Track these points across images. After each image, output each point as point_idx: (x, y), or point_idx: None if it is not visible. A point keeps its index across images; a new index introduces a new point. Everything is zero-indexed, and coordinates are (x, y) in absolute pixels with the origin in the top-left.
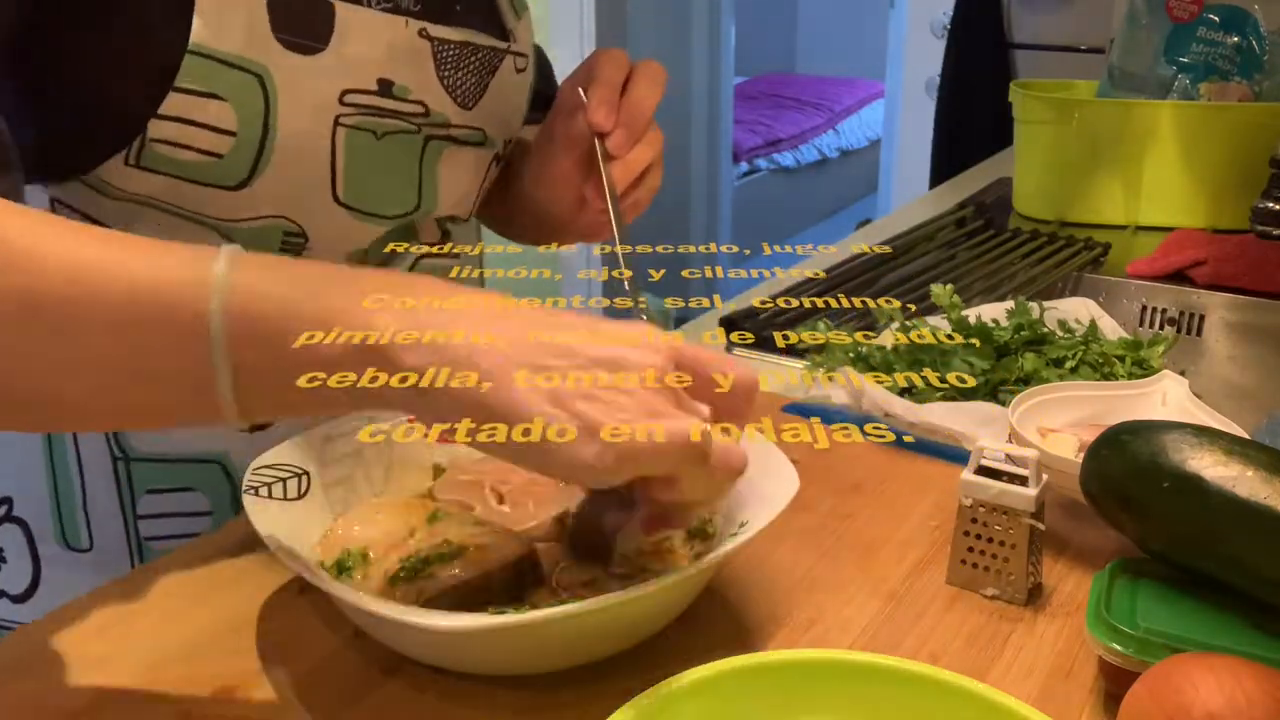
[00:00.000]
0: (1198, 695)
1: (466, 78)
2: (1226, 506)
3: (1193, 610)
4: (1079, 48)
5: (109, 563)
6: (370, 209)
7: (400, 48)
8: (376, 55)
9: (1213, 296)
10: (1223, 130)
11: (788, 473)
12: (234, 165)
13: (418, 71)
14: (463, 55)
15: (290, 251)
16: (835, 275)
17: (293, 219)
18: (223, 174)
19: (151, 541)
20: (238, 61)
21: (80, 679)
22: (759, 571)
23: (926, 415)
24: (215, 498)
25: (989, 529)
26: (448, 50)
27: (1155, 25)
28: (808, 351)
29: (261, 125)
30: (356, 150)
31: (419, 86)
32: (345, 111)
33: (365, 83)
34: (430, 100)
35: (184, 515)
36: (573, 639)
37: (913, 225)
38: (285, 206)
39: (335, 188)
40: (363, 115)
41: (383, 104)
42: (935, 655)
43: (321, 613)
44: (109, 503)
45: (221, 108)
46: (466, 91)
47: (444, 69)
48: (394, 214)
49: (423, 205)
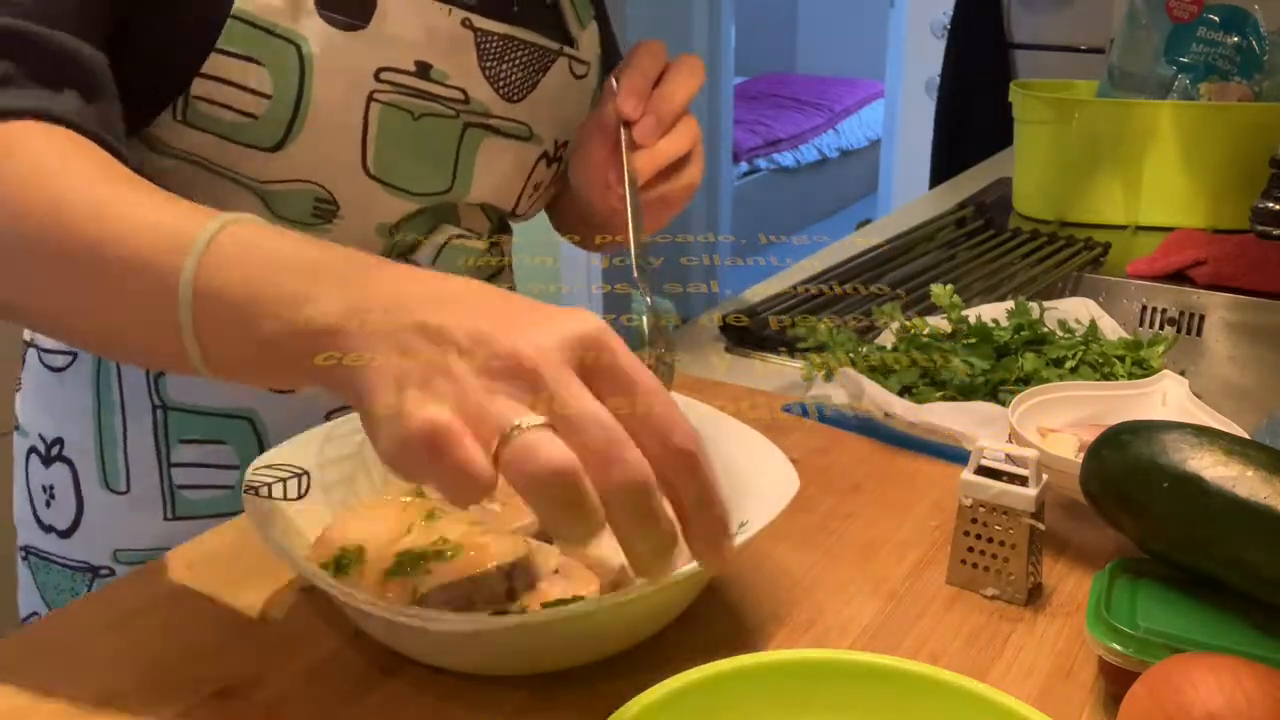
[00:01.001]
0: (1198, 695)
1: (513, 71)
2: (1226, 506)
3: (1193, 610)
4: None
5: (144, 507)
6: (400, 184)
7: (441, 34)
8: (415, 38)
9: (1213, 296)
10: (1223, 130)
11: (788, 473)
12: (269, 127)
13: (458, 59)
14: (508, 49)
15: (322, 218)
16: (835, 275)
17: (324, 185)
18: (259, 135)
19: (184, 490)
20: (277, 30)
21: (80, 679)
22: (759, 571)
23: (926, 415)
24: (245, 453)
25: (989, 529)
26: (491, 42)
27: (1155, 25)
28: (808, 351)
29: (296, 92)
30: (390, 126)
31: (459, 73)
32: (380, 88)
33: (403, 63)
34: (471, 88)
35: (215, 467)
36: (573, 639)
37: (913, 225)
38: (317, 173)
39: (366, 160)
40: (399, 94)
41: (420, 85)
42: (935, 655)
43: (321, 613)
44: (146, 449)
45: (259, 72)
46: (512, 85)
47: (487, 60)
48: (424, 192)
49: (455, 188)
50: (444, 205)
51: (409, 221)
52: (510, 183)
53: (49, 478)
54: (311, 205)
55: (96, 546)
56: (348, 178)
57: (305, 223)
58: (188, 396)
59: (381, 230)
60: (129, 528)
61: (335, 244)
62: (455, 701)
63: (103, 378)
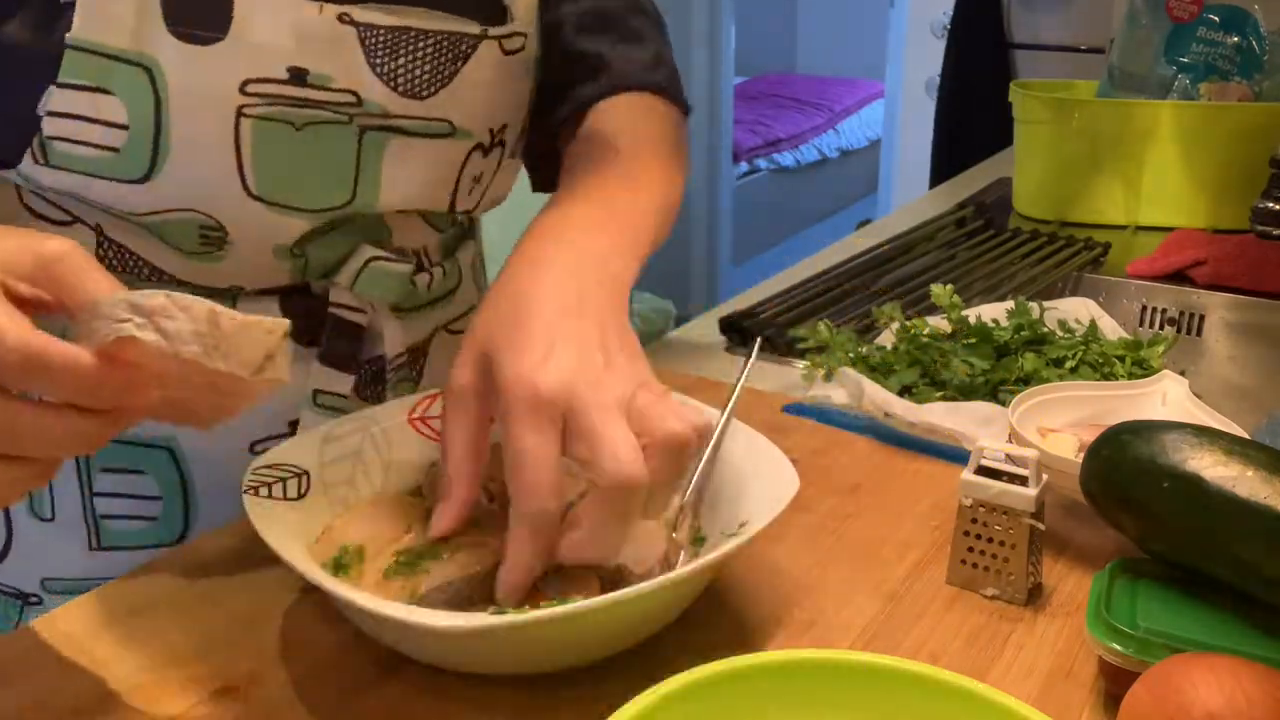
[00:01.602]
0: (1198, 695)
1: (414, 66)
2: (1226, 506)
3: (1193, 610)
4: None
5: (69, 536)
6: (290, 202)
7: (314, 34)
8: (284, 43)
9: (1213, 296)
10: (1223, 130)
11: (788, 473)
12: (133, 159)
13: (341, 59)
14: (401, 42)
15: (213, 245)
16: (835, 275)
17: (205, 212)
18: (124, 168)
19: (107, 520)
20: (123, 55)
21: (80, 679)
22: (759, 571)
23: (926, 415)
24: (164, 483)
25: (989, 529)
26: (377, 36)
27: (1155, 25)
28: (808, 351)
29: (154, 118)
30: (268, 142)
31: (345, 75)
32: (249, 102)
33: (273, 71)
34: (363, 90)
35: (136, 497)
36: (573, 639)
37: (913, 225)
38: (193, 200)
39: (245, 181)
40: (273, 105)
41: (297, 93)
42: (935, 655)
43: (321, 613)
44: (69, 476)
45: (110, 101)
46: (417, 80)
47: (376, 56)
48: (320, 208)
49: (359, 199)
50: (364, 219)
51: (320, 239)
52: (435, 184)
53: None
54: (197, 234)
55: (25, 574)
56: (229, 202)
57: (196, 252)
58: None
59: (280, 252)
60: (56, 556)
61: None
62: (455, 701)
63: None
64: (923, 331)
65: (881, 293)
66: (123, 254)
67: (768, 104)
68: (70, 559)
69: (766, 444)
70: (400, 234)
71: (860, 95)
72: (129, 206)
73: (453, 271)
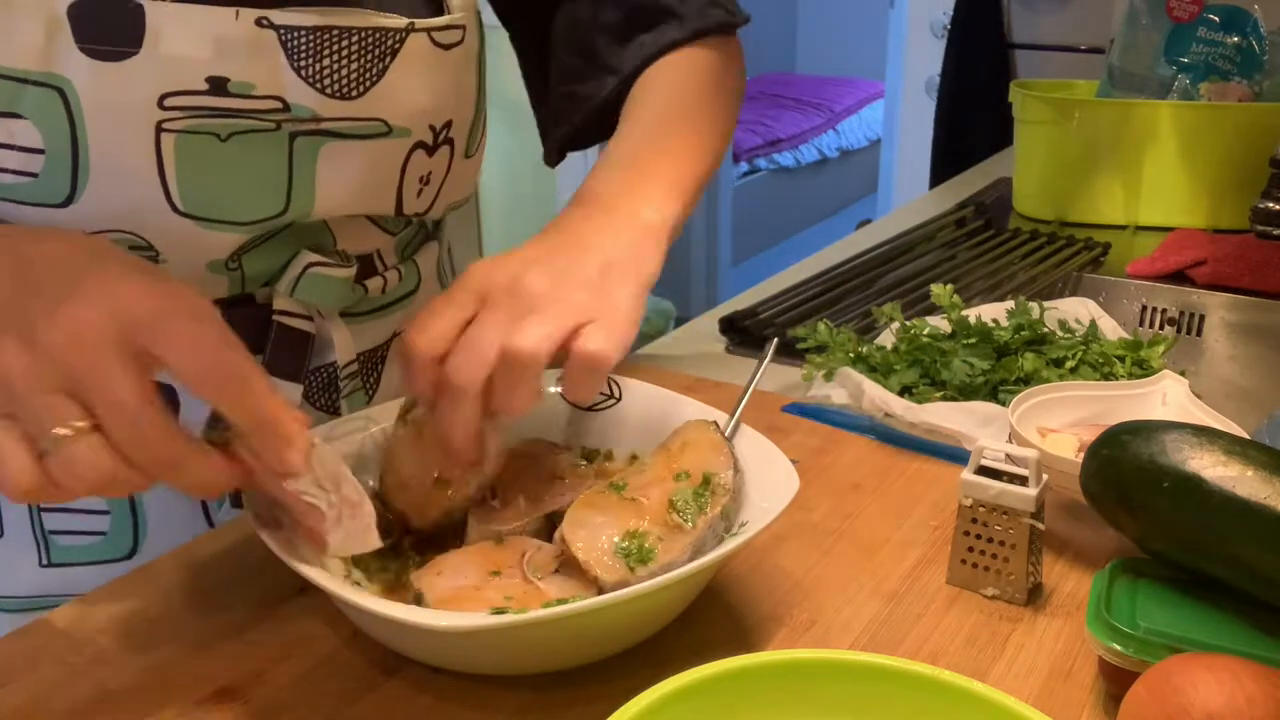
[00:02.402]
0: (1198, 695)
1: (340, 65)
2: (1226, 506)
3: (1193, 610)
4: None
5: (19, 552)
6: (220, 216)
7: (232, 41)
8: (200, 53)
9: (1213, 296)
10: (1223, 130)
11: (788, 473)
12: (52, 183)
13: (262, 64)
14: (324, 42)
15: None
16: (835, 275)
17: (132, 232)
18: (45, 193)
19: (56, 535)
20: (32, 77)
21: (80, 679)
22: (759, 571)
23: (926, 415)
24: (112, 499)
25: (989, 529)
26: (299, 38)
27: (1155, 25)
28: (808, 351)
29: (70, 141)
30: (192, 155)
31: (267, 81)
32: (169, 116)
33: (191, 83)
34: (288, 94)
35: (84, 513)
36: (573, 639)
37: (913, 225)
38: (119, 220)
39: (170, 197)
40: (195, 118)
41: (219, 104)
42: (935, 655)
43: (321, 613)
44: None
45: (24, 126)
46: (344, 81)
47: (300, 59)
48: (252, 219)
49: (293, 208)
50: (301, 225)
51: (255, 250)
52: (375, 186)
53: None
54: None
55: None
56: (155, 220)
57: None
58: None
59: (215, 267)
60: (6, 574)
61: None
62: (455, 701)
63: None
64: (923, 331)
65: (881, 293)
66: None
67: (768, 104)
68: (21, 576)
69: (767, 444)
70: (345, 238)
71: (860, 95)
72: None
73: (410, 274)
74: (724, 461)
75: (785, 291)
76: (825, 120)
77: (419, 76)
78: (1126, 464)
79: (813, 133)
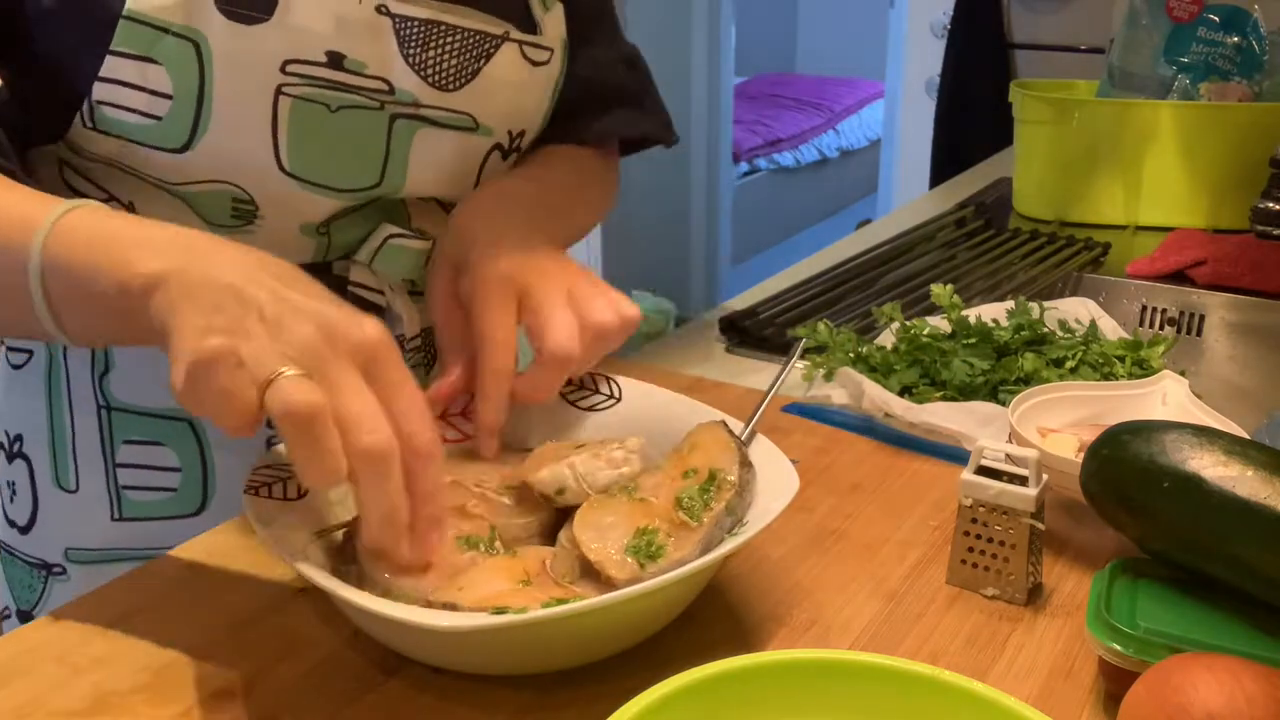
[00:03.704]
0: (1198, 695)
1: (444, 59)
2: (1226, 506)
3: (1193, 610)
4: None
5: (92, 506)
6: (322, 181)
7: (353, 22)
8: (324, 28)
9: (1213, 296)
10: (1223, 130)
11: (788, 473)
12: (173, 128)
13: (376, 47)
14: (433, 35)
15: (242, 219)
16: (835, 275)
17: (239, 185)
18: (164, 136)
19: (129, 491)
20: (173, 28)
21: (80, 679)
22: (759, 571)
23: (926, 415)
24: (184, 455)
25: (989, 529)
26: (412, 28)
27: (1155, 25)
28: (808, 351)
29: (197, 90)
30: (304, 121)
31: (378, 63)
32: (289, 81)
33: (312, 54)
34: (395, 78)
35: (157, 469)
36: (573, 639)
37: (913, 225)
38: (228, 172)
39: (280, 157)
40: (311, 86)
41: (334, 77)
42: (935, 655)
43: (321, 613)
44: (93, 448)
45: (157, 71)
46: (445, 73)
47: (410, 47)
48: (349, 188)
49: (386, 183)
50: (386, 202)
51: (344, 219)
52: (458, 175)
53: (11, 474)
54: (230, 206)
55: (50, 544)
56: (262, 176)
57: (226, 225)
58: (129, 396)
59: (307, 230)
60: (79, 526)
61: (172, 224)
62: (455, 701)
63: (54, 376)
64: (923, 331)
65: (881, 293)
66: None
67: (768, 104)
68: (93, 530)
69: (767, 444)
70: (419, 218)
71: (860, 95)
72: (165, 175)
73: None
74: (730, 458)
75: (785, 291)
76: (825, 120)
77: (508, 83)
78: (1126, 464)
79: (813, 133)
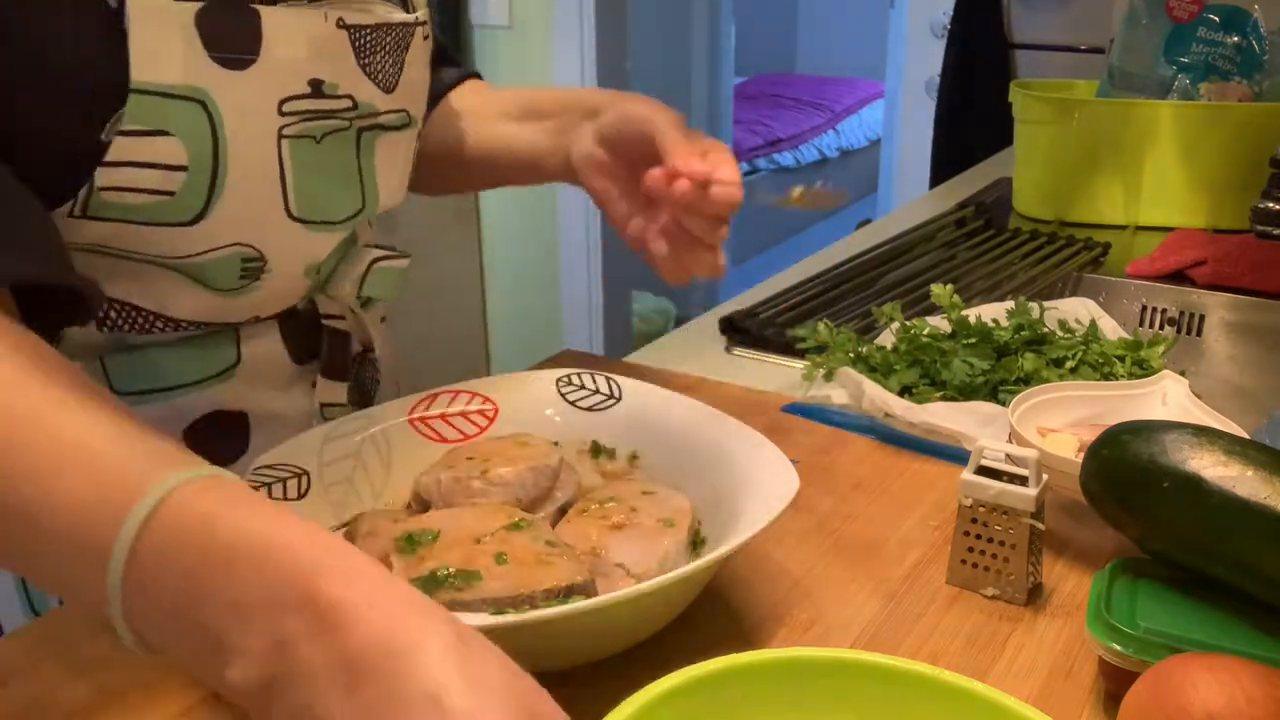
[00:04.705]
0: (1198, 695)
1: (384, 61)
2: (1226, 506)
3: (1193, 610)
4: (1079, 48)
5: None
6: (321, 217)
7: (322, 42)
8: (304, 55)
9: (1213, 296)
10: (1223, 130)
11: (788, 473)
12: (188, 200)
13: (341, 64)
14: (377, 38)
15: (249, 277)
16: (835, 275)
17: (250, 244)
18: (177, 211)
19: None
20: (180, 91)
21: (80, 679)
22: (759, 571)
23: (926, 415)
24: None
25: (989, 529)
26: (363, 36)
27: (1155, 25)
28: (808, 351)
29: (212, 153)
30: (301, 159)
31: (344, 79)
32: (286, 121)
33: (299, 87)
34: (357, 91)
35: None
36: (573, 639)
37: (913, 225)
38: (242, 233)
39: (288, 203)
40: (302, 121)
41: (317, 106)
42: (935, 655)
43: None
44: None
45: (170, 143)
46: (387, 75)
47: (363, 56)
48: (343, 219)
49: (367, 205)
50: (351, 229)
51: (333, 253)
52: (405, 177)
53: None
54: (239, 268)
55: None
56: (274, 227)
57: (233, 288)
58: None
59: (309, 272)
60: None
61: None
62: None
63: None
64: (923, 331)
65: (881, 293)
66: (127, 312)
67: (768, 104)
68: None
69: (766, 444)
70: (365, 235)
71: (860, 95)
72: (169, 250)
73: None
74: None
75: (785, 291)
76: (825, 120)
77: (420, 68)
78: (1126, 464)
79: (813, 133)
